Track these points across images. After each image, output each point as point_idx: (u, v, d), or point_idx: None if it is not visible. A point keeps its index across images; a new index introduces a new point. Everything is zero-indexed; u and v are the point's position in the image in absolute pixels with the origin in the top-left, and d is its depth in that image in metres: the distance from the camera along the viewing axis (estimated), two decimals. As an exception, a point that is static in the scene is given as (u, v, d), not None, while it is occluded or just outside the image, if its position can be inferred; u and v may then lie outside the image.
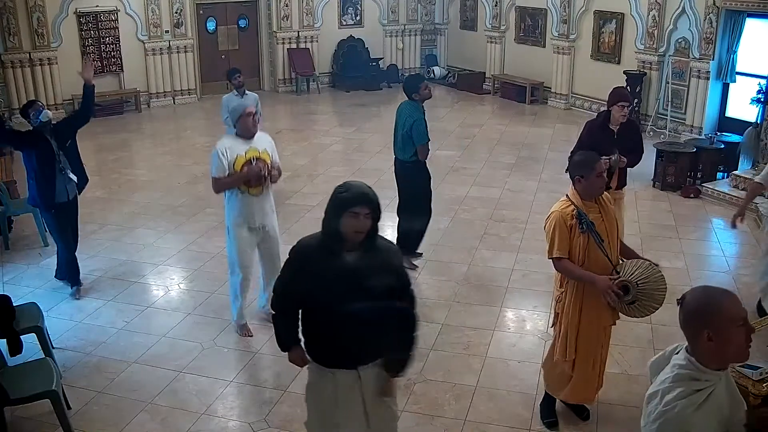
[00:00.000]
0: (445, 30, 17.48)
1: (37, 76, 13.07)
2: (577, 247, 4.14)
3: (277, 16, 15.47)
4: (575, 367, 4.43)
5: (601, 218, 4.19)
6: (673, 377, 2.43)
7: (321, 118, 14.07)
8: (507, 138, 12.06)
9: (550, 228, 4.20)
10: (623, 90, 6.28)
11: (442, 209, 8.24)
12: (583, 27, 13.48)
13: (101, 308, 6.29)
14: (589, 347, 4.37)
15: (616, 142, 5.94)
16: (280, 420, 4.76)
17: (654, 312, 4.20)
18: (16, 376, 4.51)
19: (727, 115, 11.22)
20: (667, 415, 2.35)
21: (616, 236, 4.29)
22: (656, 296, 4.10)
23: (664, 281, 4.12)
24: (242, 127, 5.41)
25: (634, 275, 4.07)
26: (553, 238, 4.18)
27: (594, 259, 4.14)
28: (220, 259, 7.11)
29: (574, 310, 4.30)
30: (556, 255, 4.17)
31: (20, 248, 7.59)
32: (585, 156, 4.24)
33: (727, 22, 10.75)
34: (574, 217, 4.12)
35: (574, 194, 4.20)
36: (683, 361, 2.45)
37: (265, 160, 5.42)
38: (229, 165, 5.30)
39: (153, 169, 10.55)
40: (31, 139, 6.10)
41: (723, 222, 8.33)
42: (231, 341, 5.75)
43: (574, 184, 4.22)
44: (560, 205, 4.23)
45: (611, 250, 4.20)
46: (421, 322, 5.77)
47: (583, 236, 4.11)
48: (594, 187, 4.15)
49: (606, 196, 4.33)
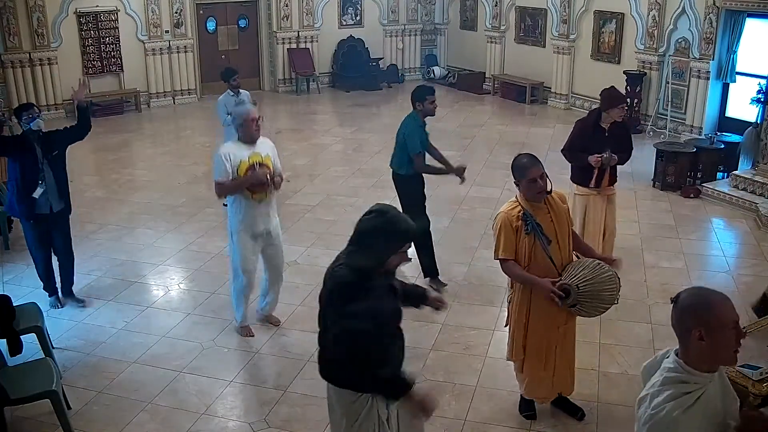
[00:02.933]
0: (445, 30, 17.48)
1: (37, 76, 13.08)
2: (523, 249, 4.17)
3: (277, 16, 15.47)
4: (524, 366, 4.49)
5: (550, 218, 4.21)
6: (662, 380, 2.44)
7: (321, 118, 14.06)
8: (507, 138, 12.06)
9: (496, 229, 4.24)
10: (618, 92, 6.31)
11: (442, 209, 8.24)
12: (583, 27, 13.48)
13: (101, 308, 6.29)
14: (538, 347, 4.40)
15: (608, 141, 6.05)
16: (280, 420, 4.76)
17: (605, 311, 4.24)
18: (16, 376, 4.51)
19: (727, 115, 11.22)
20: (656, 418, 2.36)
21: (567, 235, 4.29)
22: (604, 296, 4.12)
23: (612, 280, 4.13)
24: (245, 131, 5.33)
25: (576, 277, 4.09)
26: (498, 240, 4.21)
27: (540, 261, 4.18)
28: (220, 259, 7.11)
29: (521, 311, 4.36)
30: (501, 256, 4.21)
31: (20, 248, 7.57)
32: (521, 160, 4.25)
33: (727, 22, 10.75)
34: (519, 218, 4.16)
35: (521, 196, 4.24)
36: (672, 364, 2.45)
37: (269, 166, 5.37)
38: (233, 170, 5.25)
39: (153, 169, 10.55)
40: (16, 144, 5.92)
41: (723, 222, 8.33)
42: (231, 341, 5.75)
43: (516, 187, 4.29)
44: (507, 206, 4.27)
45: (560, 249, 4.22)
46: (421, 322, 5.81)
47: (528, 237, 4.14)
48: (529, 191, 4.17)
49: (557, 194, 4.33)
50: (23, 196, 5.87)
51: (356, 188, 9.38)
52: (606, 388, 5.03)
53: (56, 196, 5.98)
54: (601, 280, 4.09)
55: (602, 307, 4.19)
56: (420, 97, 6.23)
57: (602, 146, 5.96)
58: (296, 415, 4.81)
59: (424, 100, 6.21)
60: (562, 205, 4.30)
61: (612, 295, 4.13)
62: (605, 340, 5.60)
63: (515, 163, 4.26)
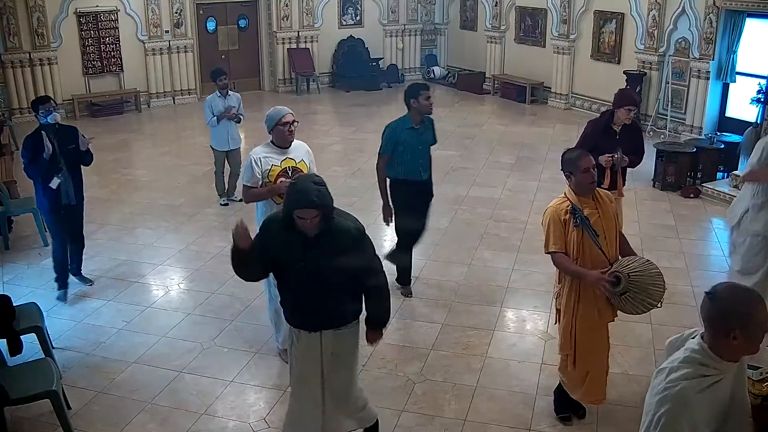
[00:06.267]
0: (445, 30, 17.48)
1: (37, 76, 13.08)
2: (571, 242, 4.22)
3: (277, 16, 15.47)
4: (576, 363, 4.45)
5: (598, 214, 4.26)
6: (683, 358, 2.51)
7: (321, 118, 14.07)
8: (507, 138, 12.06)
9: (546, 223, 4.32)
10: (631, 93, 6.29)
11: (442, 209, 8.24)
12: (583, 27, 13.48)
13: (101, 308, 6.29)
14: (589, 342, 4.39)
15: (619, 143, 5.99)
16: (280, 420, 4.75)
17: (651, 309, 4.19)
18: (16, 376, 4.51)
19: (727, 115, 11.21)
20: (669, 392, 2.43)
21: (614, 232, 4.35)
22: (651, 291, 4.10)
23: (661, 278, 4.13)
24: (278, 135, 5.03)
25: (627, 267, 4.11)
26: (548, 233, 4.29)
27: (589, 254, 4.22)
28: (220, 259, 7.11)
29: (569, 304, 4.37)
30: (552, 249, 4.27)
31: (20, 248, 7.60)
32: (572, 153, 4.37)
33: (727, 22, 10.75)
34: (568, 212, 4.22)
35: (570, 191, 4.32)
36: (696, 346, 2.52)
37: (303, 171, 5.03)
38: (264, 174, 4.97)
39: (153, 169, 10.55)
40: (36, 139, 6.05)
41: (723, 222, 8.33)
42: (231, 341, 5.75)
43: (567, 180, 4.36)
44: (556, 201, 4.36)
45: (608, 245, 4.26)
46: (421, 322, 5.81)
47: (577, 231, 4.19)
48: (583, 183, 4.25)
49: (605, 193, 4.43)
50: (46, 189, 6.12)
51: (356, 188, 9.38)
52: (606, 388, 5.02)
53: (72, 187, 6.23)
54: (650, 275, 4.10)
55: (648, 303, 4.13)
56: (413, 94, 5.92)
57: (613, 147, 5.88)
58: (296, 415, 4.81)
59: (418, 95, 5.89)
60: (610, 204, 4.38)
61: (659, 292, 4.11)
62: (605, 340, 5.59)
63: (565, 157, 4.36)
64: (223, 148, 8.78)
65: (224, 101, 8.65)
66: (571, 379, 4.56)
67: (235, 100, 8.74)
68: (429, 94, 5.96)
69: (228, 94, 8.72)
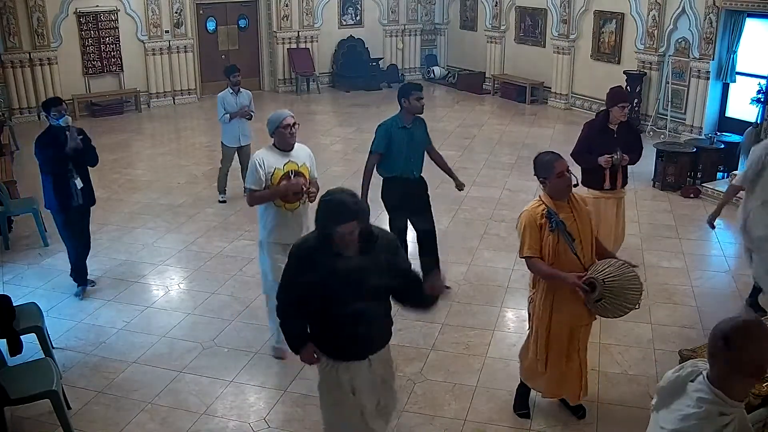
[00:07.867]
0: (445, 30, 17.48)
1: (37, 76, 13.08)
2: (547, 246, 4.19)
3: (277, 16, 15.47)
4: (548, 364, 4.46)
5: (573, 218, 4.23)
6: (700, 414, 2.35)
7: (321, 118, 14.07)
8: (507, 138, 12.06)
9: (521, 227, 4.26)
10: (622, 90, 6.33)
11: (442, 209, 8.23)
12: (583, 27, 13.48)
13: (101, 308, 6.29)
14: (561, 346, 4.40)
15: (617, 142, 6.02)
16: (280, 420, 4.76)
17: (629, 312, 4.20)
18: (16, 376, 4.51)
19: (727, 115, 11.22)
20: None
21: (589, 236, 4.32)
22: (628, 296, 4.11)
23: (637, 280, 4.13)
24: (280, 138, 5.06)
25: (602, 272, 4.09)
26: (523, 238, 4.24)
27: (564, 258, 4.19)
28: (220, 259, 7.11)
29: (544, 310, 4.35)
30: (527, 254, 4.23)
31: (20, 248, 7.59)
32: (544, 157, 4.29)
33: (727, 22, 10.75)
34: (543, 216, 4.18)
35: (545, 195, 4.27)
36: (708, 395, 2.37)
37: (304, 175, 5.10)
38: (267, 177, 4.99)
39: (153, 169, 10.55)
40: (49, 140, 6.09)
41: (723, 222, 8.32)
42: (231, 341, 5.75)
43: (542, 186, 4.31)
44: (531, 204, 4.31)
45: (583, 249, 4.24)
46: (421, 322, 5.81)
47: (552, 235, 4.16)
48: (558, 187, 4.20)
49: (580, 197, 4.39)
50: (60, 188, 6.15)
51: (356, 189, 9.30)
52: (606, 388, 5.03)
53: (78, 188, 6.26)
54: (627, 278, 4.09)
55: (626, 307, 4.14)
56: (405, 93, 5.97)
57: (611, 147, 5.91)
58: (296, 415, 4.82)
59: (410, 95, 5.93)
60: (585, 207, 4.35)
61: (636, 296, 4.11)
62: (605, 340, 5.59)
63: (538, 162, 4.29)
64: (234, 144, 8.83)
65: (236, 98, 8.70)
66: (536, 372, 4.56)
67: (247, 98, 8.78)
68: (420, 95, 6.00)
69: (239, 90, 8.75)
